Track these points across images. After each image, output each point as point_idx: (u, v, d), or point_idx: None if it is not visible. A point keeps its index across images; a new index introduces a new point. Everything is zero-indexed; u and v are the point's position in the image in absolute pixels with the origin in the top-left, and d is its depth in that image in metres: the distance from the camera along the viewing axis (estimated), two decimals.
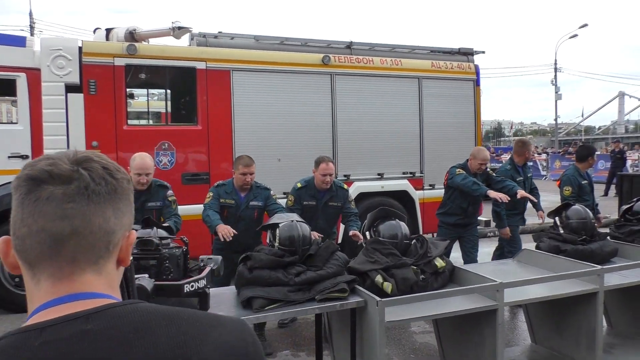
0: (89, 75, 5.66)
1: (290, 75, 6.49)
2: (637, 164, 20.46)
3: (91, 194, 0.75)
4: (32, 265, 0.75)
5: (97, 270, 0.77)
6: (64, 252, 0.74)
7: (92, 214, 0.75)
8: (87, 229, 0.75)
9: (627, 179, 10.03)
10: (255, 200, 4.46)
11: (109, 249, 0.78)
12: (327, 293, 2.96)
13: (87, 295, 0.74)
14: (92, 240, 0.75)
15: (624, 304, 4.10)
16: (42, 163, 0.76)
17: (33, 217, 0.73)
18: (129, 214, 0.82)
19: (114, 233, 0.78)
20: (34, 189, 0.73)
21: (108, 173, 0.79)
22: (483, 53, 8.09)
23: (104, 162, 0.80)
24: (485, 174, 5.36)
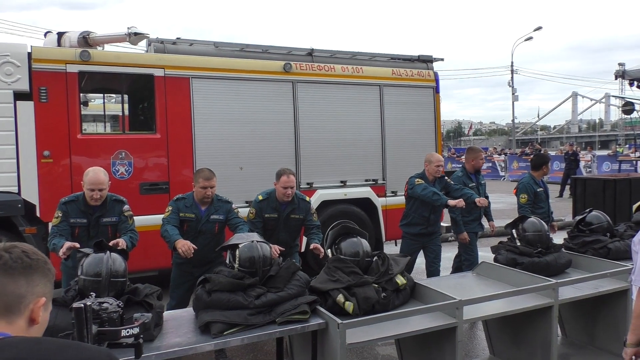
0: (40, 83, 5.43)
1: (252, 82, 6.41)
2: (589, 165, 21.23)
3: (8, 268, 1.11)
4: None
5: (9, 322, 1.10)
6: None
7: (7, 283, 1.10)
8: (2, 293, 1.10)
9: (580, 181, 10.37)
10: (216, 213, 4.37)
11: (19, 309, 1.12)
12: (288, 315, 2.93)
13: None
14: (5, 301, 1.10)
15: (577, 314, 4.23)
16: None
17: None
18: (42, 285, 1.16)
19: (24, 297, 1.12)
20: None
21: (25, 255, 1.15)
22: (442, 60, 8.20)
23: (26, 247, 1.17)
24: (443, 182, 5.44)
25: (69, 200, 3.98)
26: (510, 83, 34.99)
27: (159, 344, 2.71)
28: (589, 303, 3.96)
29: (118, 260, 2.89)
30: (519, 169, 22.79)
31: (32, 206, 5.40)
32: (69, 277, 3.82)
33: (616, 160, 20.40)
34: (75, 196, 4.01)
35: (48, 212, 5.27)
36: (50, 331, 2.58)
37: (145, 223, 5.31)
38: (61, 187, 5.36)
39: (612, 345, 3.91)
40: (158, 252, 5.45)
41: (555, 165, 19.73)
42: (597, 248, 4.24)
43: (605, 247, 4.22)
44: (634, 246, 2.29)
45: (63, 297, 2.74)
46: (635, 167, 18.17)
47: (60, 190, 5.14)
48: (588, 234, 4.40)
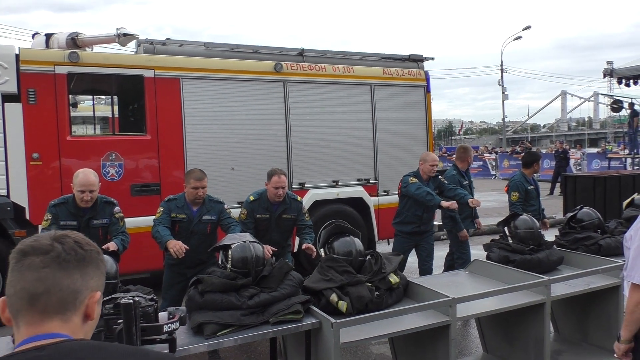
0: (28, 84, 5.38)
1: (243, 83, 6.39)
2: (579, 163, 21.39)
3: (62, 261, 1.00)
4: (15, 317, 1.00)
5: (64, 319, 1.00)
6: (37, 305, 0.98)
7: (60, 277, 1.00)
8: (56, 288, 0.99)
9: (570, 179, 10.45)
10: (208, 214, 4.35)
11: (75, 304, 1.02)
12: (281, 315, 2.91)
13: (49, 335, 0.97)
14: (61, 297, 1.00)
15: (569, 310, 4.25)
16: (29, 240, 1.03)
17: (17, 280, 0.99)
18: (96, 279, 1.06)
19: (80, 292, 1.02)
20: (23, 258, 1.00)
21: (78, 246, 1.04)
22: (432, 59, 8.22)
23: (78, 237, 1.06)
24: (437, 181, 5.46)
25: (58, 202, 3.94)
26: (500, 82, 35.20)
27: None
28: (581, 299, 3.98)
29: (109, 262, 2.86)
30: (509, 167, 22.92)
31: (22, 209, 5.35)
32: None
33: (605, 157, 20.58)
34: (64, 198, 3.98)
35: (38, 215, 5.21)
36: None
37: (137, 225, 5.27)
38: (51, 189, 5.32)
39: (604, 341, 3.93)
40: (150, 253, 5.41)
41: (545, 163, 19.85)
42: (589, 245, 4.26)
43: (596, 244, 4.24)
44: (626, 242, 2.30)
45: None
46: (625, 164, 18.31)
47: (50, 193, 5.09)
48: (579, 231, 4.43)
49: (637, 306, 2.18)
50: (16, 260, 1.00)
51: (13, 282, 1.00)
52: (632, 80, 12.55)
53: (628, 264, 2.23)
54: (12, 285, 1.00)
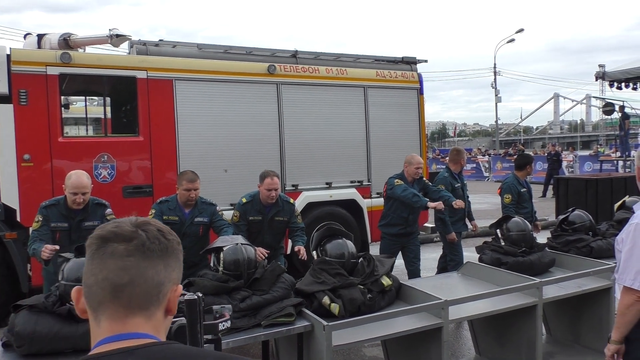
0: (19, 85, 5.33)
1: (236, 84, 6.38)
2: (572, 165, 21.51)
3: (146, 250, 0.92)
4: (95, 309, 0.92)
5: (147, 315, 0.93)
6: (121, 298, 0.90)
7: (145, 267, 0.92)
8: (141, 279, 0.92)
9: (563, 182, 10.50)
10: (200, 216, 4.33)
11: (158, 298, 0.94)
12: (273, 318, 2.91)
13: (134, 335, 0.90)
14: (145, 289, 0.92)
15: (561, 312, 4.27)
16: (110, 225, 0.95)
17: (99, 268, 0.91)
18: (177, 271, 0.98)
19: (163, 285, 0.94)
20: (103, 245, 0.92)
21: (161, 234, 0.96)
22: (426, 62, 8.25)
23: (159, 225, 0.98)
24: (422, 183, 5.46)
25: (49, 204, 3.91)
26: (493, 85, 35.35)
27: None
28: (573, 301, 4.00)
29: None
30: (502, 169, 23.02)
31: (13, 211, 5.30)
32: (50, 282, 3.76)
33: (597, 160, 20.72)
34: (56, 200, 3.95)
35: (29, 217, 5.16)
36: (30, 338, 2.53)
37: None
38: (42, 191, 5.27)
39: (596, 342, 3.95)
40: None
41: (538, 165, 19.96)
42: (580, 247, 4.28)
43: (588, 246, 4.27)
44: (617, 245, 2.31)
45: (43, 303, 2.69)
46: (616, 167, 18.45)
47: (41, 195, 5.05)
48: (571, 233, 4.45)
49: (628, 308, 2.19)
50: (97, 247, 0.93)
51: (94, 271, 0.91)
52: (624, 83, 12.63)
53: (619, 266, 2.25)
54: (93, 274, 0.91)
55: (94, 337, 0.92)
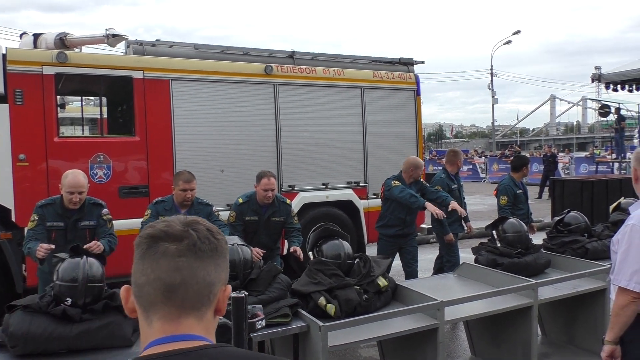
0: (15, 85, 5.31)
1: (233, 85, 6.37)
2: (567, 167, 21.58)
3: (198, 250, 0.92)
4: (146, 309, 0.92)
5: (199, 316, 0.92)
6: (173, 298, 0.90)
7: (197, 268, 0.92)
8: (194, 280, 0.91)
9: (559, 183, 10.53)
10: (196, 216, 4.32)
11: (209, 298, 0.94)
12: (269, 319, 2.90)
13: (188, 337, 0.90)
14: (197, 290, 0.92)
15: (556, 313, 4.28)
16: (160, 224, 0.95)
17: (151, 268, 0.90)
18: (226, 271, 0.98)
19: (214, 285, 0.94)
20: (154, 244, 0.91)
21: (211, 234, 0.96)
22: (423, 63, 8.26)
23: (208, 225, 0.98)
24: (419, 184, 5.46)
25: (45, 203, 3.90)
26: (490, 86, 35.43)
27: (138, 349, 2.66)
28: (568, 302, 4.01)
29: (95, 265, 2.83)
30: (499, 170, 23.07)
31: (7, 211, 5.28)
32: (45, 282, 3.75)
33: (593, 162, 20.78)
34: (52, 199, 3.94)
35: (24, 217, 5.14)
36: (24, 338, 2.52)
37: (125, 227, 5.22)
38: (37, 191, 5.25)
39: (590, 344, 3.96)
40: None
41: (534, 167, 20.00)
42: (576, 248, 4.30)
43: (583, 247, 4.28)
44: (613, 246, 2.32)
45: (38, 303, 2.67)
46: (612, 168, 18.51)
47: (37, 195, 5.03)
48: (566, 235, 4.46)
49: (623, 309, 2.20)
50: (147, 246, 0.92)
51: (145, 270, 0.91)
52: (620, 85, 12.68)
53: (615, 267, 2.25)
54: (145, 274, 0.91)
55: (145, 337, 0.93)
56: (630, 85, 12.44)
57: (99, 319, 2.67)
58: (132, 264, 0.94)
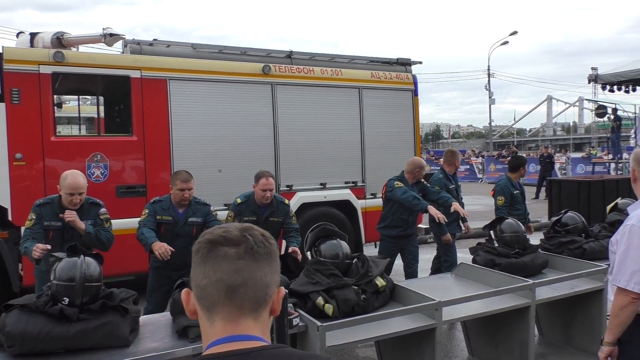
0: (12, 84, 5.29)
1: (231, 84, 6.36)
2: (564, 167, 21.64)
3: (256, 253, 0.98)
4: (209, 309, 0.97)
5: (256, 317, 0.98)
6: (234, 299, 0.96)
7: (255, 269, 0.97)
8: (252, 281, 0.97)
9: (555, 183, 10.54)
10: (194, 216, 4.31)
11: (265, 299, 0.99)
12: None
13: (247, 338, 0.96)
14: (255, 290, 0.97)
15: (554, 313, 4.28)
16: (218, 230, 1.00)
17: (213, 270, 0.95)
18: (278, 273, 1.03)
19: (269, 287, 0.99)
20: (214, 249, 0.97)
21: (265, 239, 1.01)
22: (420, 63, 8.27)
23: (261, 230, 1.03)
24: (421, 185, 5.46)
25: (43, 202, 3.89)
26: (487, 86, 35.49)
27: (135, 349, 2.66)
28: (565, 303, 4.01)
29: (92, 264, 2.82)
30: (496, 171, 23.11)
31: (4, 210, 5.26)
32: (42, 282, 3.73)
33: (590, 162, 20.85)
34: (50, 198, 3.93)
35: (20, 216, 5.13)
36: (21, 338, 2.51)
37: (122, 226, 5.21)
38: (34, 190, 5.24)
39: (587, 344, 3.97)
40: (135, 255, 5.36)
41: (531, 167, 20.05)
42: (573, 248, 4.30)
43: (580, 248, 4.29)
44: (611, 246, 2.32)
45: (35, 302, 2.66)
46: (608, 169, 18.57)
47: (33, 194, 5.02)
48: (564, 235, 4.47)
49: (622, 309, 2.20)
50: (208, 250, 0.97)
51: (207, 273, 0.96)
52: (616, 86, 12.71)
53: (614, 268, 2.25)
54: (207, 276, 0.96)
55: (207, 337, 0.98)
56: (627, 86, 12.46)
57: (97, 318, 2.65)
58: (192, 269, 1.00)
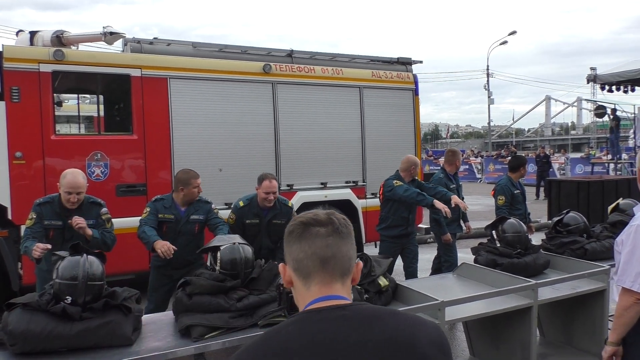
0: (12, 82, 5.28)
1: (231, 83, 6.36)
2: (563, 168, 21.66)
3: (341, 232, 1.21)
4: (305, 278, 1.20)
5: (343, 282, 1.21)
6: (327, 268, 1.18)
7: (341, 245, 1.20)
8: (340, 254, 1.19)
9: (555, 184, 10.55)
10: (196, 214, 4.30)
11: (349, 269, 1.22)
12: (270, 318, 2.88)
13: (339, 297, 1.18)
14: (341, 261, 1.19)
15: (555, 314, 4.27)
16: (308, 214, 1.23)
17: (308, 245, 1.18)
18: (355, 249, 1.26)
19: (352, 259, 1.23)
20: (307, 229, 1.19)
21: (345, 221, 1.24)
22: (421, 63, 8.28)
23: (341, 214, 1.26)
24: (416, 182, 5.45)
25: (43, 201, 3.87)
26: (486, 86, 35.50)
27: (138, 348, 2.65)
28: (567, 303, 4.00)
29: (95, 263, 2.81)
30: (495, 171, 23.13)
31: (4, 209, 5.25)
32: (43, 281, 3.72)
33: (589, 162, 20.86)
34: (50, 197, 3.91)
35: (20, 215, 5.12)
36: (23, 336, 2.50)
37: (122, 225, 5.19)
38: (34, 189, 5.23)
39: (589, 345, 3.96)
40: (135, 254, 5.35)
41: (530, 168, 20.06)
42: (575, 249, 4.29)
43: (582, 248, 4.28)
44: (617, 247, 2.31)
45: (37, 301, 2.65)
46: (607, 169, 18.60)
47: (33, 192, 5.01)
48: (565, 235, 4.46)
49: (627, 310, 2.20)
50: (302, 230, 1.19)
51: (303, 248, 1.18)
52: (615, 86, 12.71)
53: (619, 268, 2.25)
54: (303, 251, 1.18)
55: (303, 300, 1.21)
56: (626, 86, 12.46)
57: (99, 317, 2.64)
58: (287, 247, 1.23)
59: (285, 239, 1.24)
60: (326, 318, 1.12)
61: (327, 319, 1.11)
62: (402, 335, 1.11)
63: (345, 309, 1.13)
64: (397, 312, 1.21)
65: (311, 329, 1.10)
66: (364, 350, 1.07)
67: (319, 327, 1.10)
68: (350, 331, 1.09)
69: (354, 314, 1.12)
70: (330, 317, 1.11)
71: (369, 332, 1.09)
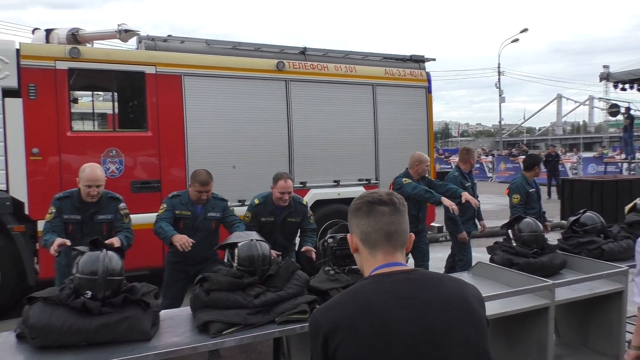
0: (29, 79, 5.33)
1: (245, 80, 6.37)
2: (575, 167, 21.47)
3: (400, 210, 1.46)
4: (372, 247, 1.44)
5: (402, 252, 1.45)
6: (391, 241, 1.43)
7: (401, 221, 1.45)
8: (401, 229, 1.45)
9: (568, 183, 10.48)
10: (213, 211, 4.32)
11: (405, 241, 1.47)
12: (287, 315, 2.89)
13: (401, 264, 1.43)
14: (402, 235, 1.45)
15: (571, 315, 4.23)
16: (373, 194, 1.48)
17: (375, 221, 1.43)
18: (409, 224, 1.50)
19: (407, 233, 1.47)
20: (373, 207, 1.44)
21: (402, 200, 1.49)
22: (434, 60, 8.22)
23: (399, 195, 1.50)
24: (426, 180, 5.43)
25: (63, 196, 3.91)
26: (497, 84, 35.21)
27: (156, 343, 2.66)
28: (583, 304, 3.96)
29: (114, 258, 2.82)
30: (506, 170, 22.98)
31: (21, 204, 5.30)
32: (62, 275, 3.76)
33: (602, 162, 20.66)
34: (70, 192, 3.95)
35: (37, 210, 5.18)
36: (44, 330, 2.52)
37: (137, 221, 5.19)
38: (50, 184, 5.28)
39: (605, 346, 3.92)
40: (149, 251, 5.39)
41: None
42: (591, 249, 4.25)
43: (599, 248, 4.23)
44: (638, 247, 2.29)
45: (58, 295, 2.67)
46: (621, 169, 18.41)
47: (50, 188, 5.05)
48: (582, 235, 4.41)
49: None
50: (369, 208, 1.44)
51: (370, 223, 1.43)
52: (628, 84, 12.57)
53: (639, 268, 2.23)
54: (370, 225, 1.43)
55: (369, 265, 1.44)
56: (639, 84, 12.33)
57: (118, 312, 2.65)
58: (354, 220, 1.47)
59: (352, 213, 1.48)
60: (397, 280, 1.36)
61: (397, 280, 1.36)
62: (458, 294, 1.37)
63: (410, 273, 1.39)
64: (449, 276, 1.46)
65: (389, 287, 1.34)
66: (434, 305, 1.32)
67: (394, 286, 1.34)
68: (420, 291, 1.34)
69: (417, 277, 1.38)
70: (400, 279, 1.36)
71: (434, 292, 1.34)
